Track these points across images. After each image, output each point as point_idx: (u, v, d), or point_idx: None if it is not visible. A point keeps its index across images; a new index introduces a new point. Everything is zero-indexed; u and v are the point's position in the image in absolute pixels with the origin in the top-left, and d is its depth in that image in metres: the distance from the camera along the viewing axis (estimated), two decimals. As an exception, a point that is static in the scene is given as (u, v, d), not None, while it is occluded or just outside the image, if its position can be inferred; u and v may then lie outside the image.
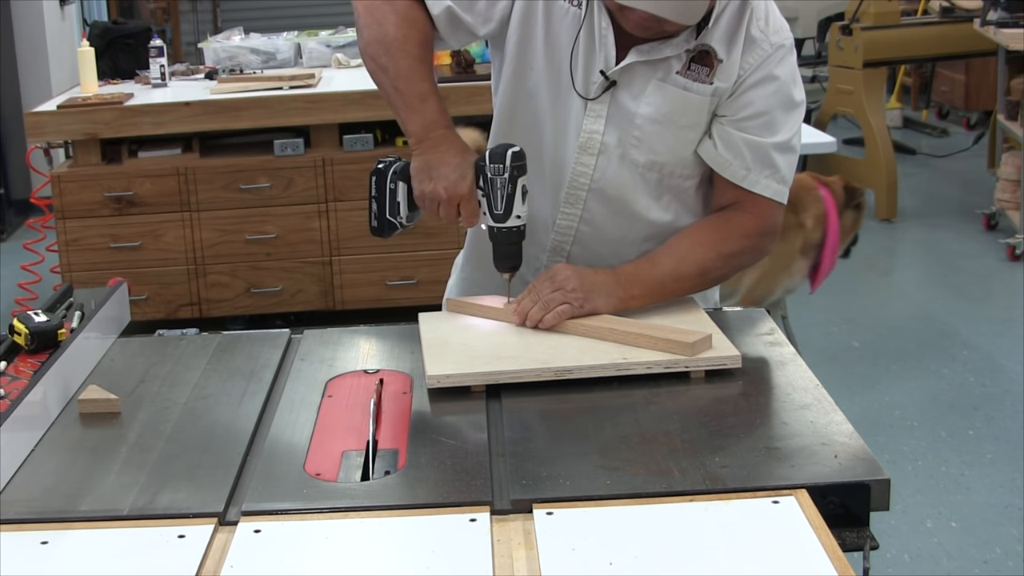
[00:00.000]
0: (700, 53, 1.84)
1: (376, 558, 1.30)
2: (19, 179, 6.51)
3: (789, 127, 1.89)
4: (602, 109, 1.88)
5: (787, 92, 1.88)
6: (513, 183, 1.79)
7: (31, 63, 6.59)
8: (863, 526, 1.40)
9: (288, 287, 4.70)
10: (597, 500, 1.37)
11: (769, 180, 1.88)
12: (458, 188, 1.79)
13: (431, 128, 1.82)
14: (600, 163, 1.90)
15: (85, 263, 4.57)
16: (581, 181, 1.92)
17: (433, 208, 1.82)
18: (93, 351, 1.88)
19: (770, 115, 1.87)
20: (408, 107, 1.83)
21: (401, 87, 1.83)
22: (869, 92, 6.25)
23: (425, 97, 1.83)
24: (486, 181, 1.80)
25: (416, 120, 1.83)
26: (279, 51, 5.30)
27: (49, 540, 1.34)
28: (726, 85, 1.85)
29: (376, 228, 1.90)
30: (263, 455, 1.53)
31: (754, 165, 1.87)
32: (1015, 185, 5.70)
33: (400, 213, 1.86)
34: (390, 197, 1.86)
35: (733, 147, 1.87)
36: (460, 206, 1.80)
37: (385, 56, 1.84)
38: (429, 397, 1.68)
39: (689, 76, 1.85)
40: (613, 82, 1.86)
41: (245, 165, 4.61)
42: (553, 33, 1.87)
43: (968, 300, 5.14)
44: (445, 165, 1.80)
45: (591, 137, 1.89)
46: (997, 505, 3.39)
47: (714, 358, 1.72)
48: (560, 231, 1.96)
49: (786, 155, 1.89)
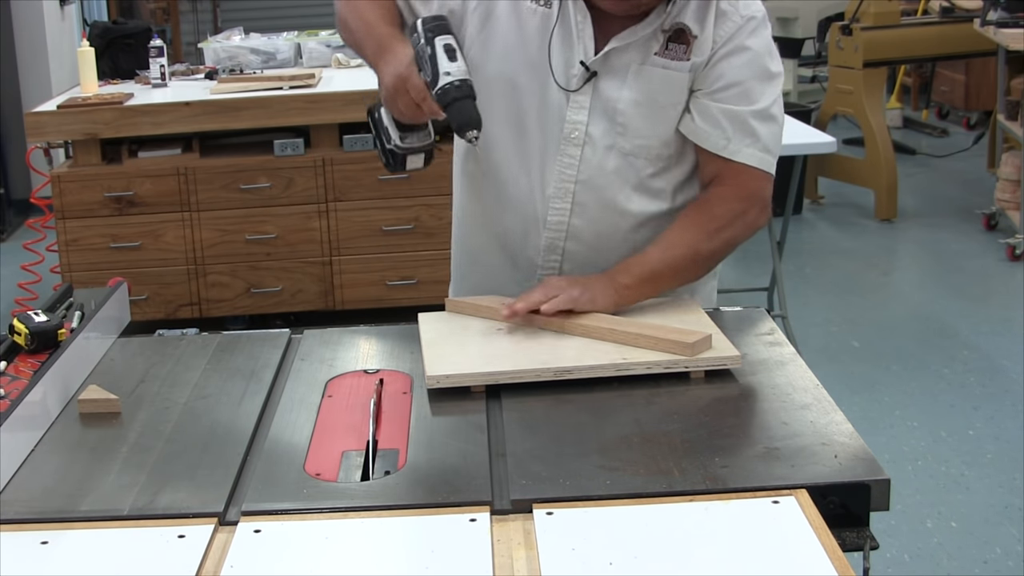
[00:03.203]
0: (676, 32, 1.86)
1: (376, 558, 1.30)
2: (19, 179, 6.51)
3: (767, 96, 1.89)
4: (585, 100, 1.90)
5: (761, 63, 1.89)
6: (431, 44, 1.77)
7: (31, 63, 6.59)
8: (863, 526, 1.40)
9: (288, 287, 4.70)
10: (597, 500, 1.37)
11: (751, 149, 1.89)
12: (398, 73, 1.78)
13: (379, 47, 1.86)
14: (586, 154, 1.91)
15: (85, 263, 4.57)
16: (568, 173, 1.93)
17: (396, 108, 1.82)
18: (93, 351, 1.88)
19: (745, 84, 1.88)
20: (362, 40, 1.92)
21: (352, 26, 1.94)
22: (869, 92, 6.25)
23: (371, 24, 1.90)
24: (416, 58, 1.79)
25: (368, 46, 1.90)
26: (279, 51, 5.30)
27: (49, 540, 1.34)
28: (701, 59, 1.87)
29: (385, 163, 1.90)
30: (263, 455, 1.53)
31: (734, 135, 1.88)
32: (1015, 185, 5.70)
33: (392, 137, 1.86)
34: (379, 127, 1.88)
35: (711, 118, 1.88)
36: (409, 91, 1.77)
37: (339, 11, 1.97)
38: (429, 397, 1.68)
39: (668, 56, 1.87)
40: (594, 72, 1.88)
41: (245, 165, 4.61)
42: (525, 34, 1.90)
43: (968, 300, 5.14)
44: (387, 63, 1.82)
45: (575, 128, 1.91)
46: (997, 505, 3.39)
47: (714, 358, 1.72)
48: (552, 227, 1.97)
49: (766, 124, 1.89)
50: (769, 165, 1.91)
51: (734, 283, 5.28)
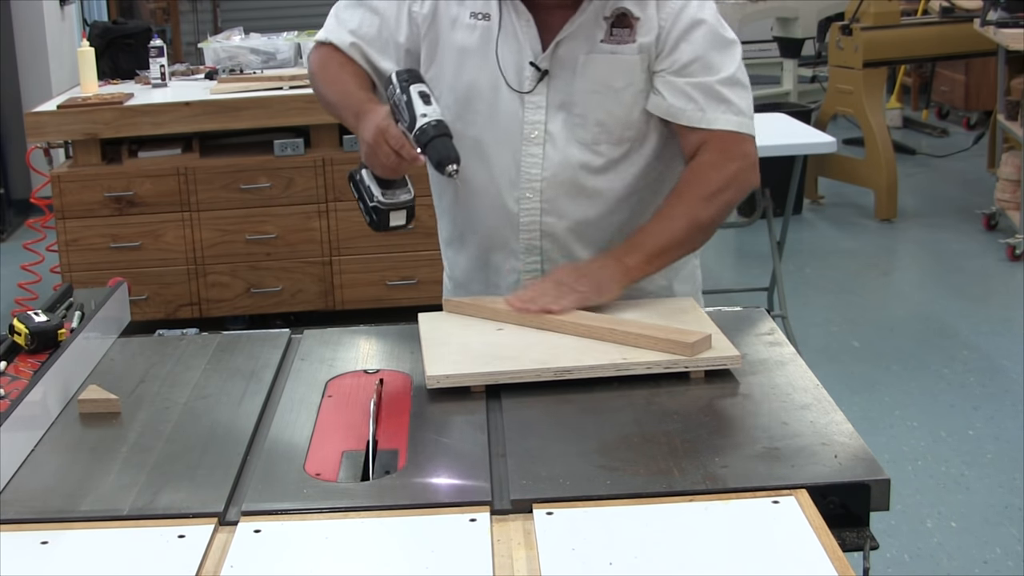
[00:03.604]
0: (618, 17, 1.92)
1: (376, 558, 1.30)
2: (19, 179, 6.51)
3: (729, 63, 1.94)
4: (540, 99, 1.95)
5: (716, 32, 1.94)
6: (406, 92, 1.85)
7: (31, 63, 6.59)
8: (863, 526, 1.40)
9: (288, 287, 4.70)
10: (597, 500, 1.37)
11: (726, 115, 1.93)
12: (376, 125, 1.85)
13: (357, 111, 1.95)
14: (547, 151, 1.96)
15: (85, 263, 4.57)
16: (533, 172, 1.97)
17: (377, 161, 1.88)
18: (93, 351, 1.88)
19: (706, 57, 1.93)
20: (341, 108, 2.02)
21: (330, 98, 2.04)
22: (869, 92, 6.25)
23: (347, 93, 2.00)
24: (393, 109, 1.87)
25: (347, 112, 2.00)
26: (279, 51, 5.30)
27: (49, 540, 1.34)
28: (649, 39, 1.92)
29: (369, 222, 1.95)
30: (263, 455, 1.53)
31: (707, 105, 1.92)
32: (1015, 185, 5.70)
33: (375, 194, 1.92)
34: (361, 186, 1.94)
35: (681, 94, 1.93)
36: (388, 141, 1.84)
37: (315, 85, 2.10)
38: (429, 397, 1.67)
39: (613, 41, 1.92)
40: (545, 71, 1.93)
41: (245, 165, 4.61)
42: (471, 51, 1.96)
43: (968, 300, 5.14)
44: (365, 122, 1.90)
45: (534, 128, 1.95)
46: (997, 505, 3.39)
47: (714, 358, 1.72)
48: (526, 228, 2.00)
49: (735, 89, 1.95)
50: (748, 127, 1.96)
51: (734, 283, 5.28)
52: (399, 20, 2.00)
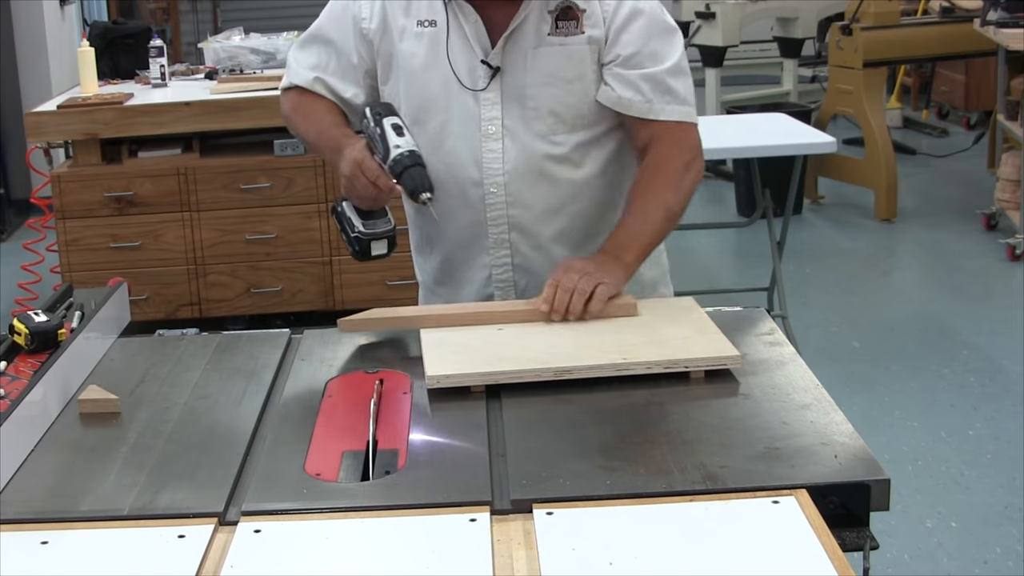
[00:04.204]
0: (563, 10, 1.97)
1: (376, 558, 1.30)
2: (19, 179, 6.51)
3: (673, 51, 2.00)
4: (494, 96, 1.99)
5: (658, 20, 2.00)
6: (379, 125, 1.95)
7: (31, 63, 6.59)
8: (863, 526, 1.40)
9: (288, 287, 4.70)
10: (597, 500, 1.37)
11: (672, 105, 1.99)
12: (353, 158, 1.94)
13: (335, 148, 2.02)
14: (506, 145, 2.00)
15: (85, 263, 4.57)
16: (495, 167, 2.01)
17: (356, 192, 1.96)
18: (93, 351, 1.88)
19: (651, 45, 1.98)
20: (320, 148, 2.11)
21: (309, 139, 2.13)
22: (869, 92, 6.25)
23: (323, 133, 2.08)
24: (368, 142, 1.96)
25: (326, 150, 2.08)
26: (279, 51, 5.29)
27: (49, 540, 1.34)
28: (598, 32, 1.97)
29: (354, 252, 2.04)
30: (263, 455, 1.53)
31: (653, 96, 1.98)
32: (1015, 185, 5.70)
33: (356, 225, 2.01)
34: (343, 218, 2.03)
35: (630, 85, 1.98)
36: (364, 173, 1.92)
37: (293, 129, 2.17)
38: (429, 397, 1.68)
39: (560, 33, 1.97)
40: (497, 68, 1.98)
41: (245, 165, 4.61)
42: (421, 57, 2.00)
43: (968, 300, 5.14)
44: (343, 156, 1.97)
45: (491, 123, 2.00)
46: (997, 505, 3.39)
47: (714, 358, 1.72)
48: (494, 223, 2.04)
49: (679, 78, 2.00)
50: (692, 116, 2.03)
51: (734, 283, 5.28)
52: (352, 43, 2.06)
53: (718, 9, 7.19)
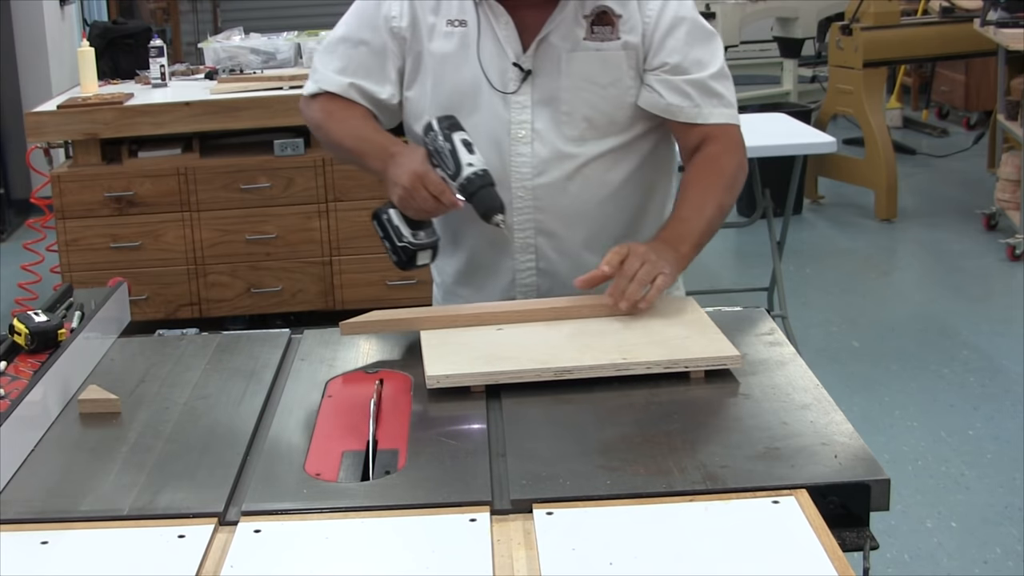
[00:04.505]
0: (598, 15, 1.95)
1: (376, 558, 1.30)
2: (19, 179, 6.51)
3: (716, 56, 2.01)
4: (525, 99, 1.97)
5: (700, 26, 2.00)
6: (449, 140, 1.89)
7: (31, 63, 6.59)
8: (863, 526, 1.40)
9: (288, 287, 4.70)
10: (597, 500, 1.37)
11: (719, 108, 2.00)
12: (414, 170, 1.88)
13: (383, 154, 1.97)
14: (536, 149, 1.98)
15: (85, 263, 4.57)
16: (524, 172, 1.99)
17: (413, 205, 1.90)
18: (93, 351, 1.88)
19: (695, 52, 1.98)
20: (362, 154, 2.02)
21: (348, 145, 2.04)
22: (869, 92, 6.25)
23: (367, 138, 2.01)
24: (432, 155, 1.91)
25: (371, 157, 2.00)
26: (279, 51, 5.30)
27: (49, 540, 1.34)
28: (635, 39, 1.96)
29: (397, 262, 1.99)
30: (263, 455, 1.53)
31: (702, 100, 1.98)
32: (1015, 185, 5.70)
33: (404, 235, 1.95)
34: (389, 226, 1.97)
35: (679, 91, 1.97)
36: (427, 187, 1.87)
37: (325, 136, 2.08)
38: (429, 397, 1.67)
39: (595, 38, 1.96)
40: (529, 71, 1.95)
41: (245, 165, 4.61)
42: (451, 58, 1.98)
43: (968, 300, 5.14)
44: (398, 165, 1.92)
45: (521, 127, 1.98)
46: (997, 505, 3.39)
47: (714, 358, 1.72)
48: (521, 227, 2.01)
49: (723, 82, 2.01)
50: (736, 118, 2.04)
51: (734, 283, 5.28)
52: (385, 42, 2.02)
53: (718, 9, 7.19)
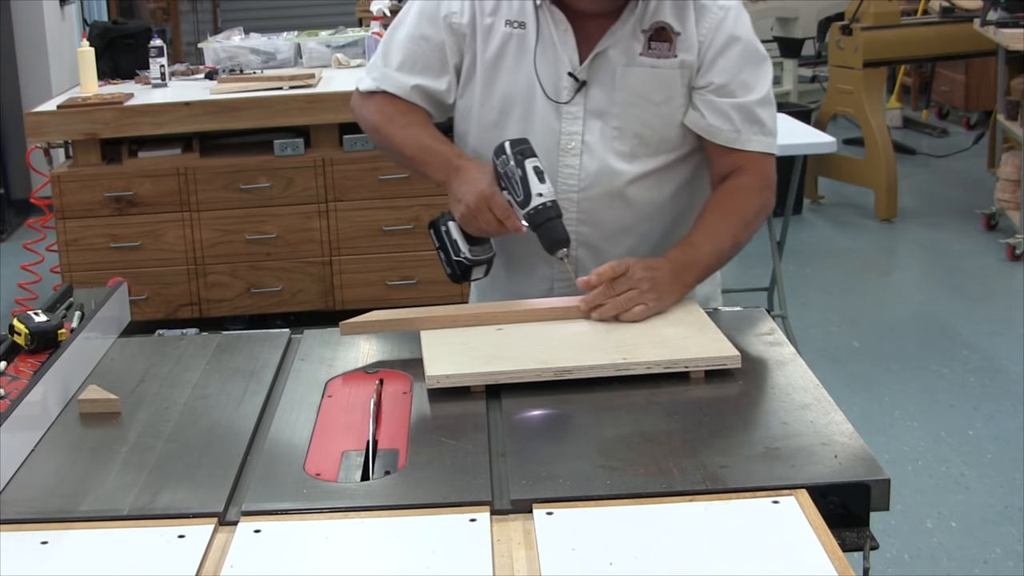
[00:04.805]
0: (656, 31, 1.92)
1: (376, 558, 1.30)
2: (19, 179, 6.51)
3: (764, 81, 1.97)
4: (577, 110, 1.95)
5: (752, 48, 1.97)
6: (521, 167, 1.86)
7: (31, 63, 6.59)
8: (863, 526, 1.40)
9: (288, 287, 4.70)
10: (597, 500, 1.37)
11: (759, 136, 1.96)
12: (480, 191, 1.86)
13: (447, 166, 1.93)
14: (584, 161, 1.96)
15: (85, 263, 4.57)
16: (570, 183, 1.97)
17: (475, 224, 1.89)
18: (93, 351, 1.88)
19: (744, 74, 1.95)
20: (423, 163, 1.98)
21: (408, 153, 2.00)
22: (869, 92, 6.25)
23: (429, 147, 1.97)
24: (500, 177, 1.88)
25: (433, 167, 1.97)
26: (279, 51, 5.30)
27: (49, 540, 1.34)
28: (691, 57, 1.93)
29: (451, 274, 2.00)
30: (263, 455, 1.53)
31: (743, 126, 1.95)
32: (1015, 185, 5.70)
33: (461, 249, 1.95)
34: (447, 239, 1.97)
35: (721, 114, 1.94)
36: (492, 210, 1.86)
37: (383, 139, 2.04)
38: (429, 397, 1.68)
39: (652, 54, 1.92)
40: (584, 82, 1.93)
41: (245, 165, 4.61)
42: (507, 60, 1.95)
43: (968, 300, 5.14)
44: (465, 182, 1.90)
45: (572, 139, 1.95)
46: (997, 505, 3.39)
47: (714, 358, 1.72)
48: None
49: (767, 108, 1.98)
50: (774, 147, 2.00)
51: (734, 283, 5.28)
52: (445, 37, 1.98)
53: (718, 9, 7.18)
